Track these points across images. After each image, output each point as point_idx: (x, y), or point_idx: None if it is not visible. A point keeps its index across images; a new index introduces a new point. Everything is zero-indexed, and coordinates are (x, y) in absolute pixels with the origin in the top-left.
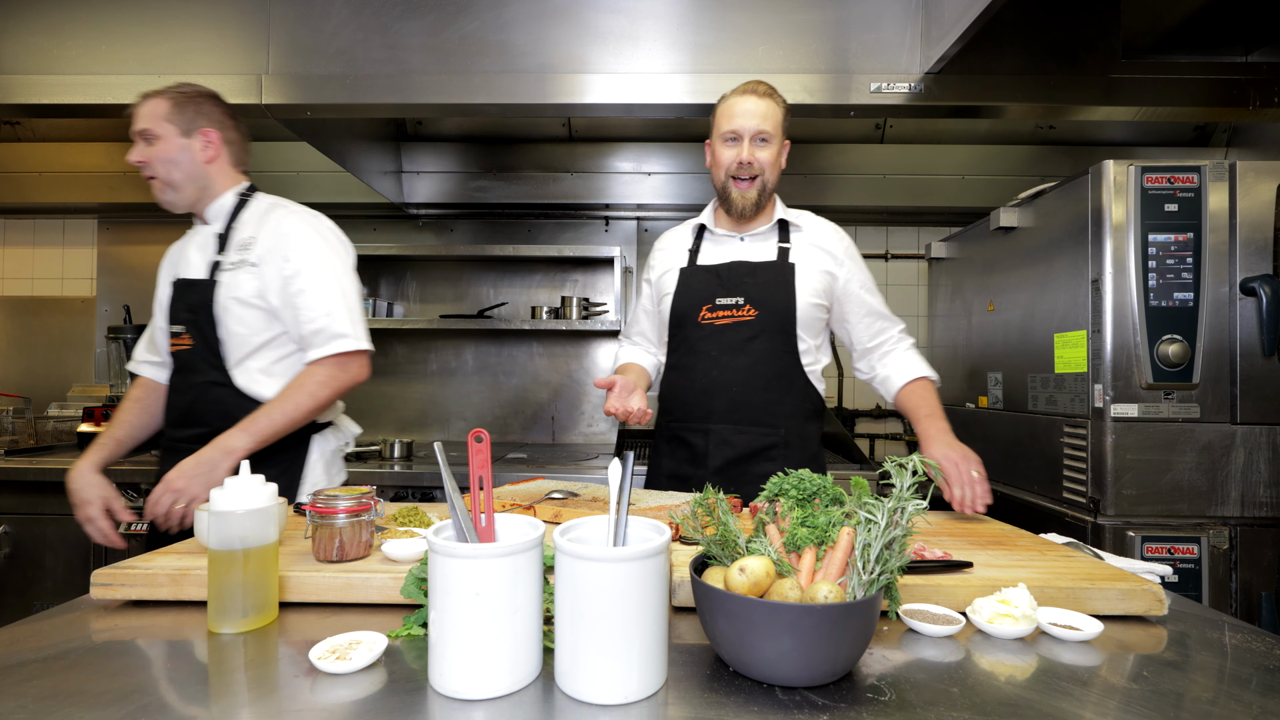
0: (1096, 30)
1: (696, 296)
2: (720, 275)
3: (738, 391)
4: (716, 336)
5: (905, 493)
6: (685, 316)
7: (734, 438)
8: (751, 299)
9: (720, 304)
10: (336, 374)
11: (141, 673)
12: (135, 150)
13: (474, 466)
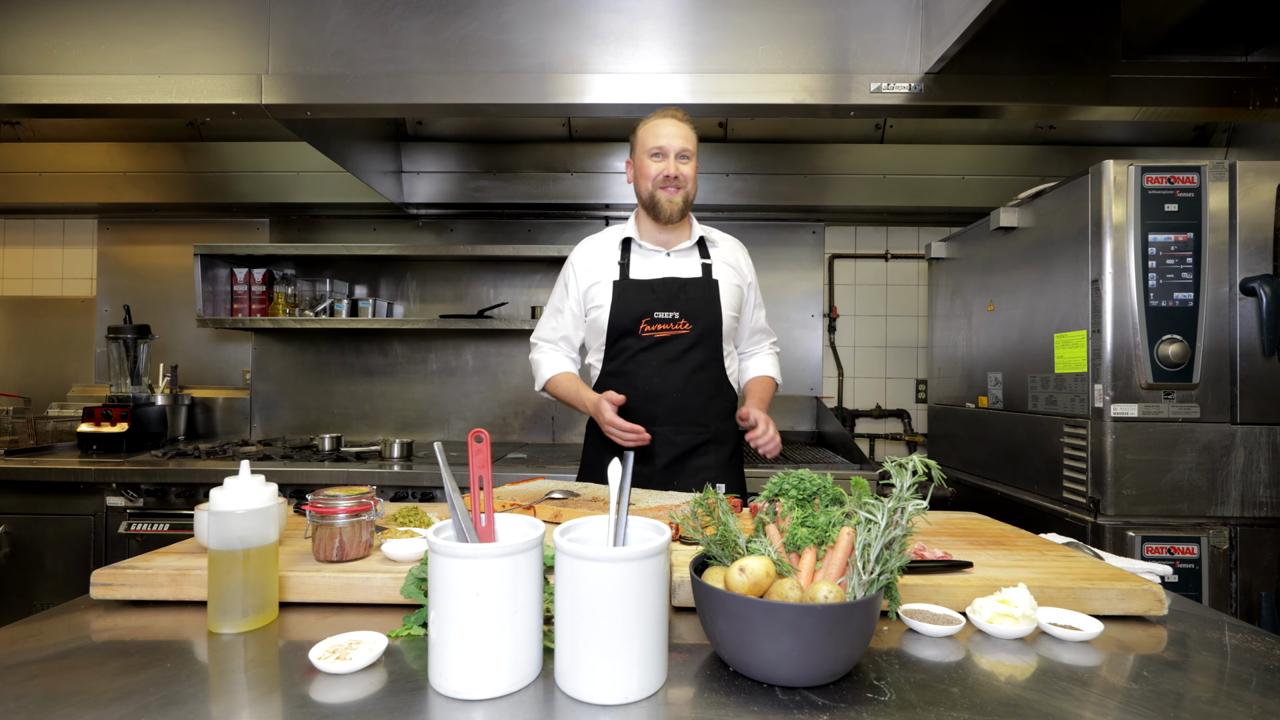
0: (1096, 30)
1: (635, 310)
2: (655, 290)
3: (678, 397)
4: (657, 348)
5: (905, 493)
6: (626, 329)
7: (675, 438)
8: (686, 314)
9: (659, 318)
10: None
11: (141, 673)
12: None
13: (474, 466)
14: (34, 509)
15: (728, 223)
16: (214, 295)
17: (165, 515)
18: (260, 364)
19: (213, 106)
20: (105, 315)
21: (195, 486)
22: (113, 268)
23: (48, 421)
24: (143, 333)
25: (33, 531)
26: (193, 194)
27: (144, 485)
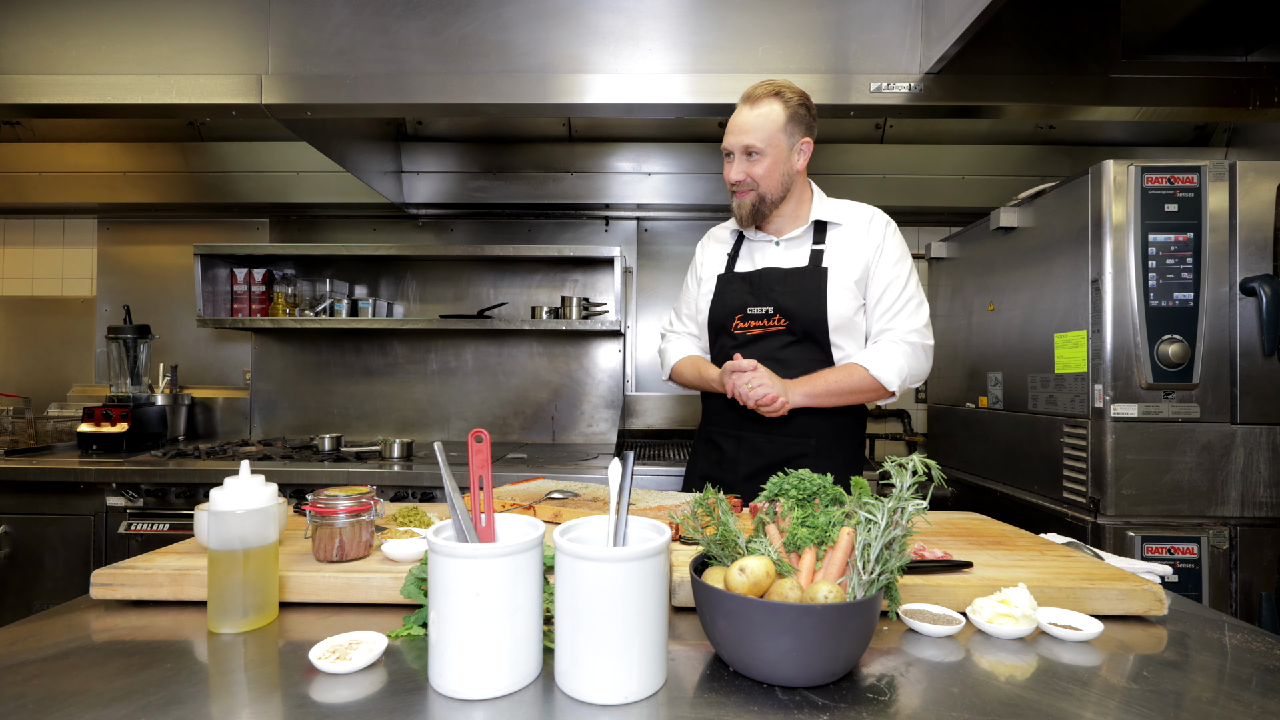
0: (1096, 30)
1: (730, 306)
2: (752, 284)
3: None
4: (750, 346)
5: (905, 493)
6: (721, 326)
7: (764, 445)
8: (781, 308)
9: (752, 314)
10: None
11: (141, 673)
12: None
13: (474, 466)
14: (34, 509)
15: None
16: (214, 295)
17: (165, 515)
18: (260, 364)
19: (213, 106)
20: (105, 315)
21: (195, 486)
22: (113, 268)
23: (48, 421)
24: (143, 333)
25: (33, 531)
26: (193, 194)
27: (144, 485)
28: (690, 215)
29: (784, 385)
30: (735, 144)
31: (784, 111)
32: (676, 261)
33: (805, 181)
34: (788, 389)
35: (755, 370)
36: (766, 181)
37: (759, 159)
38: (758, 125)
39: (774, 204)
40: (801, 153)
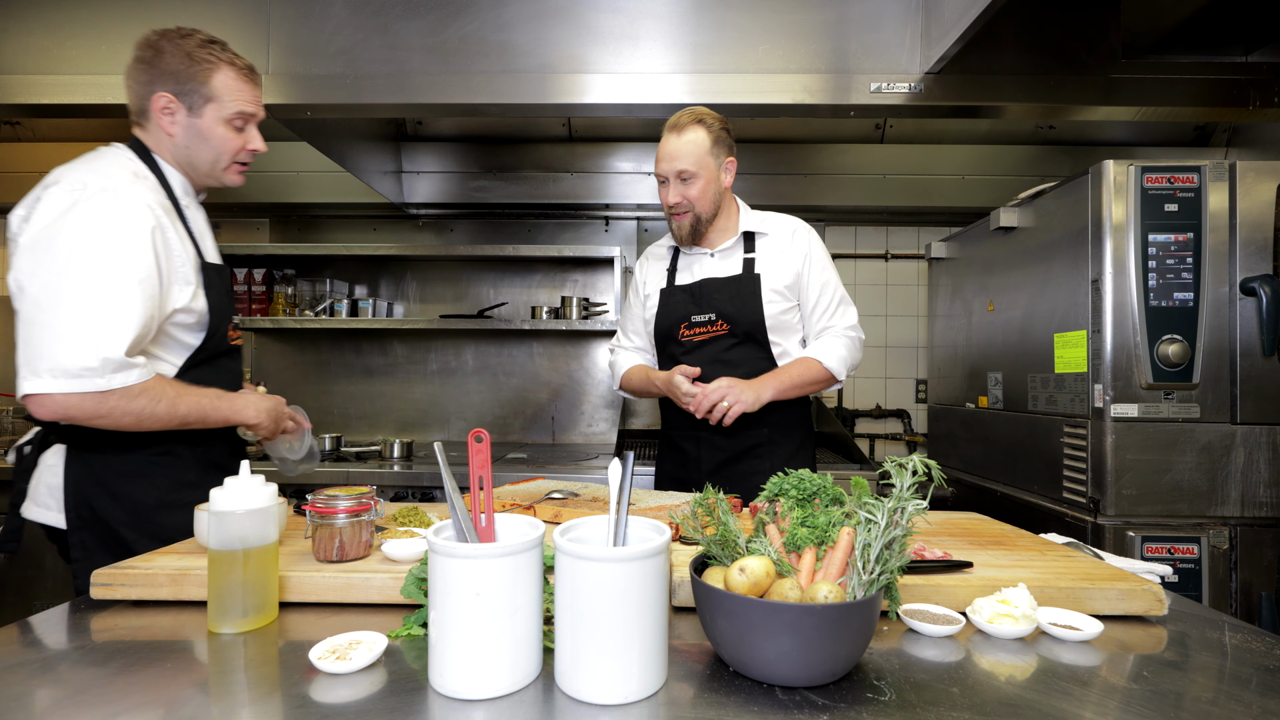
0: (1096, 30)
1: (676, 316)
2: (694, 294)
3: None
4: (697, 351)
5: (905, 493)
6: (668, 335)
7: (722, 442)
8: (722, 314)
9: (696, 321)
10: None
11: (141, 673)
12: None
13: (474, 466)
14: None
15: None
16: None
17: None
18: (260, 364)
19: None
20: None
21: None
22: None
23: None
24: None
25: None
26: None
27: None
28: None
29: (756, 386)
30: (669, 170)
31: (708, 136)
32: None
33: (732, 197)
34: (760, 388)
35: (723, 388)
36: (701, 201)
37: (692, 181)
38: (687, 151)
39: (709, 220)
40: (727, 171)
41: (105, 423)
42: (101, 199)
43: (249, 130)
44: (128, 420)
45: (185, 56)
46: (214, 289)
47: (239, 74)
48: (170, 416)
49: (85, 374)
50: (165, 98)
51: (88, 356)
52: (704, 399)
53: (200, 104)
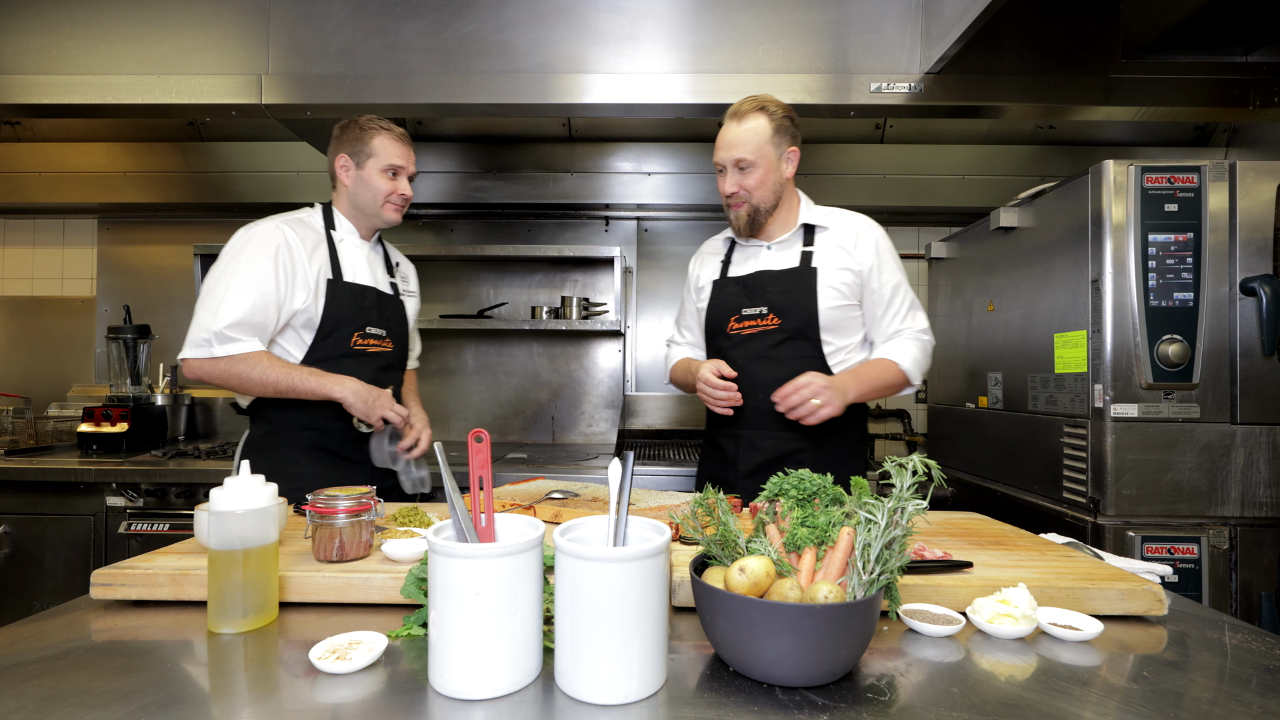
0: (1096, 30)
1: (726, 308)
2: (746, 286)
3: (764, 398)
4: (744, 345)
5: (905, 493)
6: (716, 328)
7: (761, 442)
8: (774, 307)
9: (746, 314)
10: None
11: (141, 673)
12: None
13: (474, 466)
14: (34, 509)
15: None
16: None
17: (165, 515)
18: None
19: (213, 106)
20: (105, 315)
21: (195, 486)
22: (113, 268)
23: (48, 421)
24: (143, 333)
25: (33, 531)
26: (193, 194)
27: (144, 485)
28: (690, 215)
29: (840, 387)
30: (726, 158)
31: (770, 124)
32: (676, 261)
33: (794, 189)
34: (844, 389)
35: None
36: (759, 192)
37: (750, 170)
38: (746, 139)
39: (768, 212)
40: (789, 161)
41: (218, 382)
42: (246, 233)
43: (399, 179)
44: (233, 381)
45: (357, 127)
46: (335, 301)
47: (392, 137)
48: (264, 381)
49: (202, 344)
50: (343, 158)
51: (204, 331)
52: (793, 393)
53: (364, 160)
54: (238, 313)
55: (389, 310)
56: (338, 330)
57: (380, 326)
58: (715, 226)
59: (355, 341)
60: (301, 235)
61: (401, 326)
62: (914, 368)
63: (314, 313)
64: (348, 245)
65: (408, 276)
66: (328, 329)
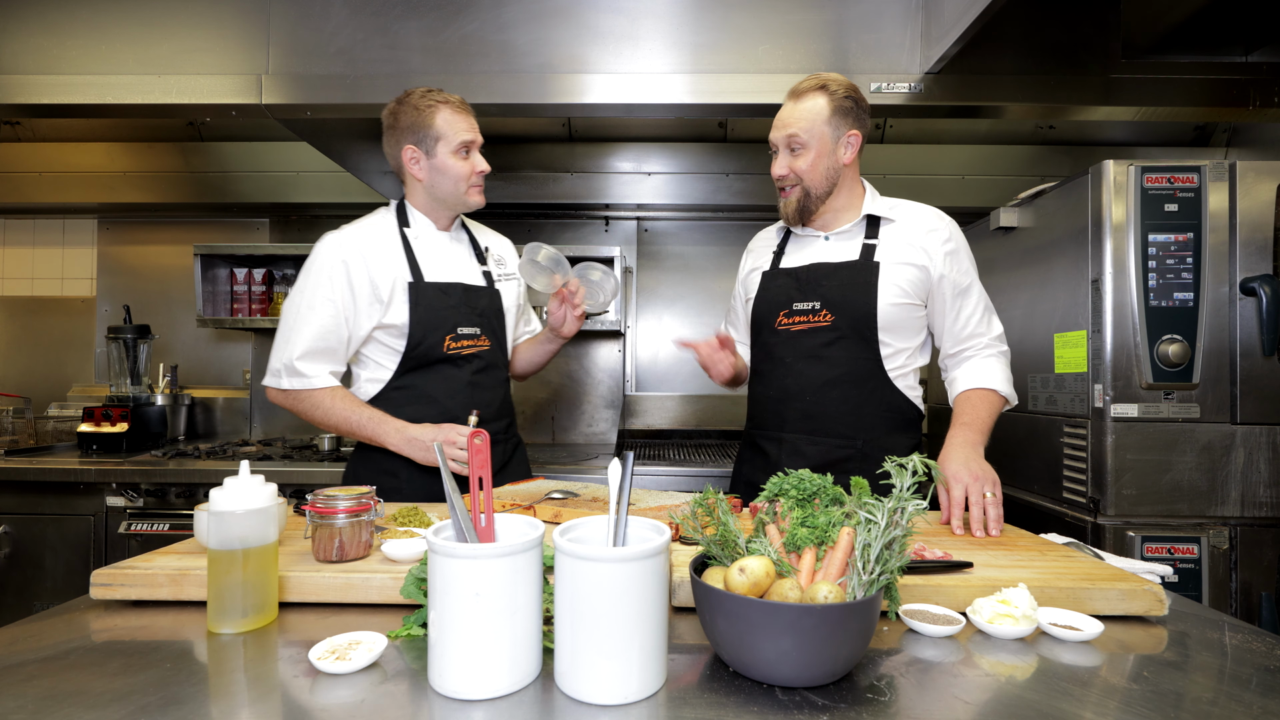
0: (1096, 30)
1: (775, 301)
2: (799, 279)
3: (811, 400)
4: (792, 343)
5: (905, 493)
6: (763, 322)
7: (806, 448)
8: (828, 303)
9: (797, 309)
10: None
11: (141, 673)
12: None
13: (474, 466)
14: (34, 509)
15: (727, 222)
16: (214, 295)
17: (165, 515)
18: (260, 364)
19: (213, 106)
20: (105, 315)
21: (195, 486)
22: (113, 268)
23: (48, 421)
24: (143, 333)
25: (33, 531)
26: (193, 194)
27: (144, 485)
28: (690, 215)
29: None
30: (778, 137)
31: (828, 104)
32: (676, 261)
33: (856, 178)
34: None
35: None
36: (810, 175)
37: (802, 152)
38: (800, 117)
39: (820, 198)
40: (849, 146)
41: (294, 412)
42: (315, 249)
43: (474, 155)
44: (302, 414)
45: (414, 109)
46: (421, 305)
47: (453, 110)
48: (327, 423)
49: (274, 374)
50: (410, 149)
51: (277, 361)
52: (970, 501)
53: (433, 145)
54: (305, 343)
55: (481, 304)
56: (428, 337)
57: (473, 325)
58: (716, 227)
59: (448, 346)
60: (370, 242)
61: (498, 319)
62: (1008, 388)
63: (400, 320)
64: (424, 241)
65: (503, 258)
66: (418, 337)
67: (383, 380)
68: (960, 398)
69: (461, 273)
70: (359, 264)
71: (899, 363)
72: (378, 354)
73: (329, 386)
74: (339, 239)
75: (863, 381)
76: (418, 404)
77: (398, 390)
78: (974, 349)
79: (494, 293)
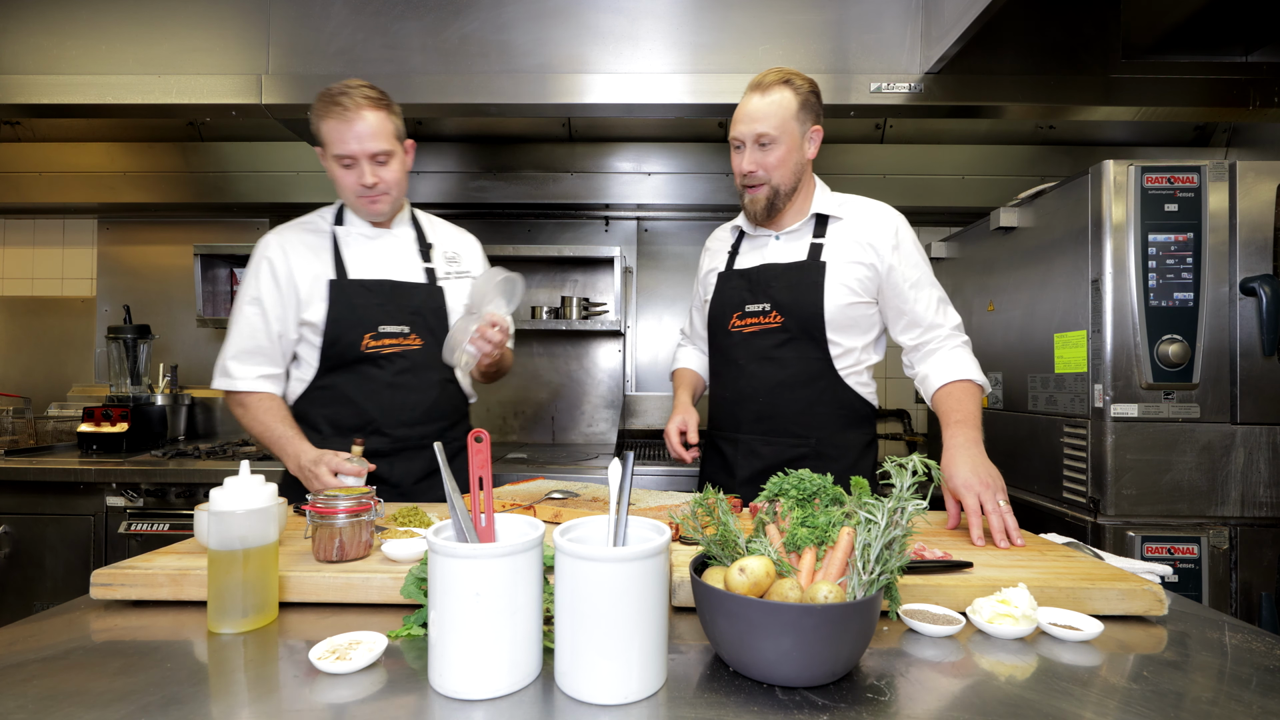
0: (1096, 30)
1: (728, 303)
2: (750, 280)
3: (764, 402)
4: (745, 345)
5: (905, 493)
6: (718, 324)
7: (761, 448)
8: (777, 304)
9: (749, 310)
10: None
11: (141, 673)
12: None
13: (474, 466)
14: (34, 509)
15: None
16: (214, 295)
17: (165, 515)
18: None
19: (213, 106)
20: (105, 315)
21: (195, 486)
22: (113, 268)
23: (48, 421)
24: (143, 333)
25: (33, 531)
26: (193, 194)
27: (144, 485)
28: (690, 215)
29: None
30: (747, 133)
31: (796, 98)
32: (676, 261)
33: (811, 174)
34: (982, 453)
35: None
36: (780, 171)
37: (772, 147)
38: (770, 112)
39: (788, 195)
40: (812, 141)
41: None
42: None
43: (360, 166)
44: (236, 419)
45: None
46: (339, 302)
47: (336, 120)
48: (249, 430)
49: (216, 374)
50: (319, 149)
51: (220, 360)
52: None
53: (324, 151)
54: (236, 343)
55: (415, 301)
56: (344, 335)
57: (400, 323)
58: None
59: (367, 345)
60: (301, 239)
61: (437, 318)
62: (982, 376)
63: (317, 318)
64: (355, 238)
65: (458, 255)
66: (334, 334)
67: (307, 380)
68: (941, 394)
69: (395, 269)
70: (281, 261)
71: (849, 361)
72: (305, 352)
73: (257, 391)
74: (269, 237)
75: (814, 381)
76: (336, 404)
77: (319, 390)
78: (936, 340)
79: (434, 290)
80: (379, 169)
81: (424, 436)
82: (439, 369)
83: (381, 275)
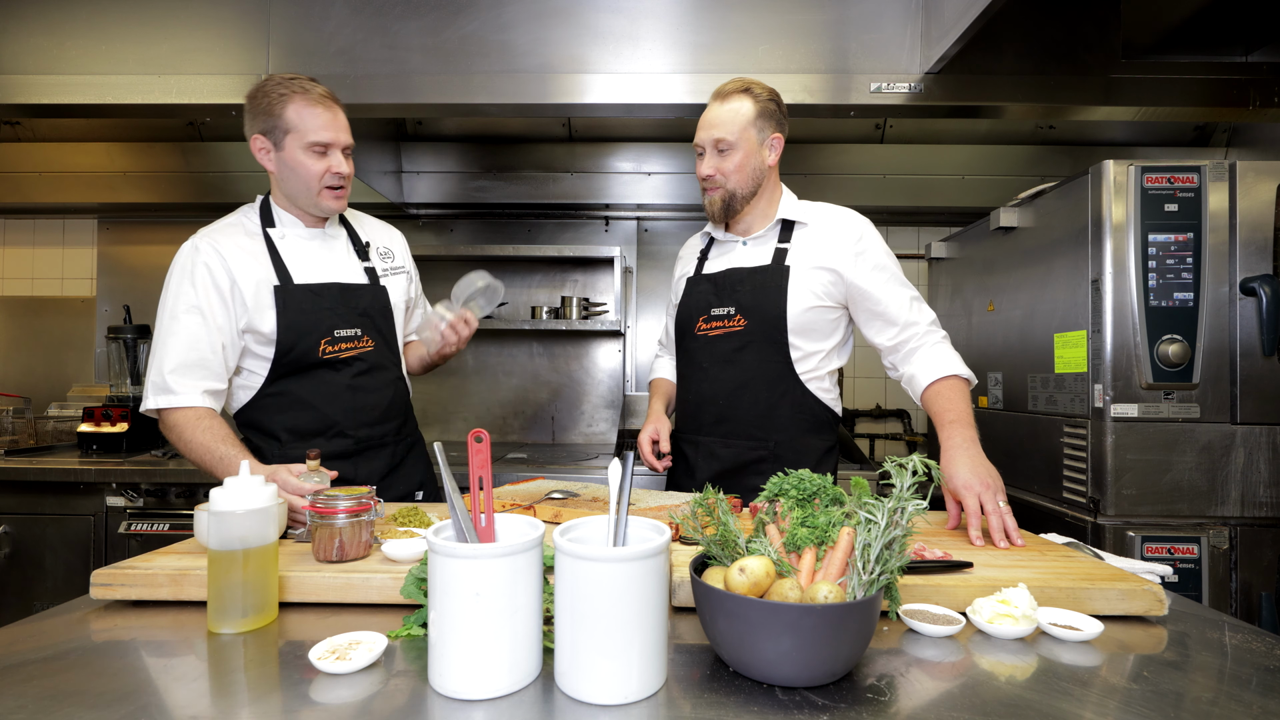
0: (1096, 30)
1: (695, 307)
2: (716, 284)
3: (725, 404)
4: (708, 348)
5: (905, 493)
6: (684, 328)
7: (720, 450)
8: (742, 308)
9: (714, 314)
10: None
11: (141, 673)
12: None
13: (474, 466)
14: (34, 509)
15: None
16: None
17: (165, 515)
18: None
19: (213, 106)
20: (105, 315)
21: (195, 486)
22: (113, 268)
23: (48, 421)
24: (143, 333)
25: (33, 531)
26: (193, 194)
27: (144, 485)
28: (690, 215)
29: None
30: (705, 139)
31: (753, 106)
32: None
33: (777, 181)
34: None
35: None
36: (736, 176)
37: (729, 153)
38: (727, 119)
39: (745, 199)
40: (772, 148)
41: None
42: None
43: (331, 155)
44: (172, 442)
45: (265, 95)
46: (290, 309)
47: (309, 101)
48: (186, 451)
49: (146, 395)
50: (258, 139)
51: (147, 382)
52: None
53: (282, 138)
54: (175, 355)
55: (362, 302)
56: (300, 343)
57: (353, 325)
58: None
59: (324, 350)
60: (237, 242)
61: (384, 318)
62: (968, 370)
63: (266, 327)
64: (291, 241)
65: (391, 252)
66: (288, 343)
67: (254, 388)
68: (930, 393)
69: (338, 271)
70: (220, 266)
71: (810, 365)
72: (247, 361)
73: (197, 407)
74: (197, 241)
75: (774, 384)
76: (294, 410)
77: (270, 397)
78: (915, 338)
79: (378, 290)
80: (346, 161)
81: (384, 435)
82: (391, 368)
83: (325, 278)
